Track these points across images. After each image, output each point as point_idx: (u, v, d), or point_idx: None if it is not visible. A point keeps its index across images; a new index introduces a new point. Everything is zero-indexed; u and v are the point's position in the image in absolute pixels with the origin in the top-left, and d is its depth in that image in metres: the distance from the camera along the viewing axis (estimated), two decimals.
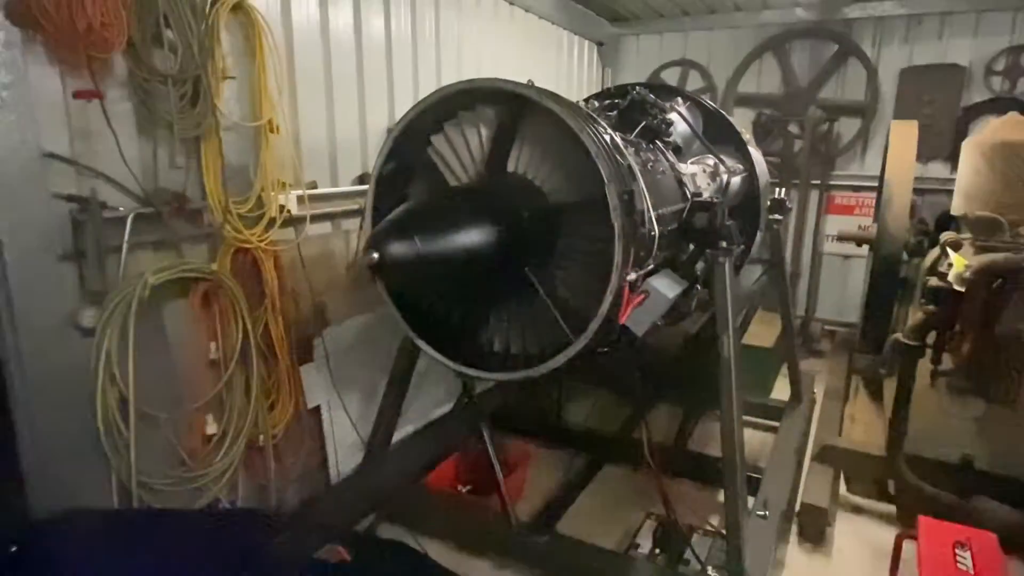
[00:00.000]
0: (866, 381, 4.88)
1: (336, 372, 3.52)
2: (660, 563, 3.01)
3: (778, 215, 4.21)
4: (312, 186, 3.39)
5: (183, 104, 2.63)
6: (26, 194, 2.26)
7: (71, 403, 2.46)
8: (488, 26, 4.82)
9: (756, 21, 6.37)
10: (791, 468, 3.78)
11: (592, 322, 2.20)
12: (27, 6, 2.15)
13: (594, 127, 2.20)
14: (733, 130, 3.77)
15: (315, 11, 3.41)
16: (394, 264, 1.86)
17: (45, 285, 2.37)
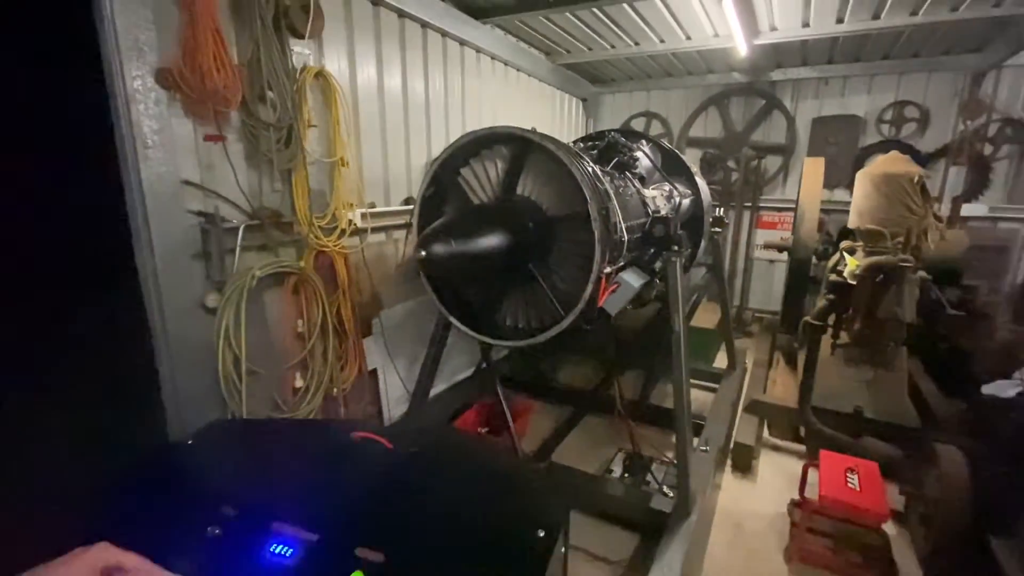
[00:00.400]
0: (784, 354, 4.97)
1: (389, 344, 3.62)
2: (628, 483, 3.11)
3: (718, 228, 4.28)
4: (371, 206, 3.48)
5: (280, 145, 2.73)
6: (170, 210, 2.39)
7: (199, 363, 2.56)
8: (500, 87, 4.90)
9: (703, 82, 6.43)
10: (727, 417, 3.87)
11: (579, 303, 2.33)
12: (171, 75, 2.28)
13: (580, 161, 2.32)
14: (684, 165, 3.86)
15: (374, 76, 3.51)
16: (435, 258, 1.98)
17: (182, 276, 2.49)
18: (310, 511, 0.89)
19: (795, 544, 2.79)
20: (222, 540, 0.88)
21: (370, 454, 1.08)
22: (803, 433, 3.81)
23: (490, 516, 0.91)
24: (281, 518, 0.88)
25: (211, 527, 0.88)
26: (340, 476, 1.02)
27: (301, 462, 1.09)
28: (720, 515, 3.16)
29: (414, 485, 0.98)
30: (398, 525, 0.88)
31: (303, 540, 0.85)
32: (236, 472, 1.05)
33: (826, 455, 2.92)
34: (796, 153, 6.12)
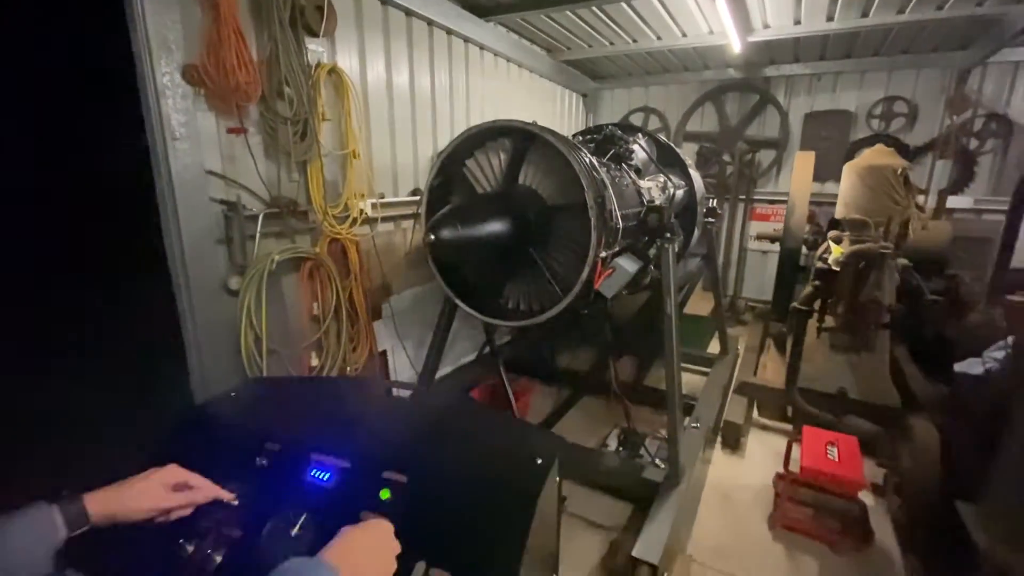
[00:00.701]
0: (775, 340, 5.09)
1: (398, 327, 3.76)
2: (622, 456, 3.25)
3: (711, 219, 4.40)
4: (381, 196, 3.60)
5: (296, 138, 2.84)
6: (195, 198, 2.52)
7: (223, 341, 2.69)
8: (503, 82, 5.00)
9: (699, 78, 6.51)
10: (718, 397, 3.99)
11: (576, 285, 2.46)
12: (196, 71, 2.41)
13: (578, 152, 2.44)
14: (678, 157, 3.96)
15: (383, 72, 3.62)
16: (443, 243, 2.11)
17: (207, 260, 2.62)
18: (343, 444, 1.03)
19: (778, 512, 2.94)
20: (268, 469, 1.02)
21: (393, 400, 1.22)
22: (790, 413, 3.94)
23: (496, 449, 1.04)
24: (318, 450, 1.02)
25: (259, 458, 1.02)
26: (367, 416, 1.15)
27: (332, 406, 1.22)
28: (709, 487, 3.31)
29: (432, 424, 1.12)
30: (418, 454, 1.02)
31: (338, 467, 0.99)
32: (276, 415, 1.18)
33: (808, 430, 3.06)
34: (789, 147, 6.20)
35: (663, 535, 2.36)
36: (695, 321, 5.60)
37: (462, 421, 1.16)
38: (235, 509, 0.96)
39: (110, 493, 0.87)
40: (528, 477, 0.93)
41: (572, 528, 2.87)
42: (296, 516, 0.90)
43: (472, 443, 1.06)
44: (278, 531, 0.88)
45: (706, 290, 6.04)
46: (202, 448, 1.03)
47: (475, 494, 0.91)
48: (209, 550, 0.89)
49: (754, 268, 6.82)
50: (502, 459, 1.01)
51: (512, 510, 0.87)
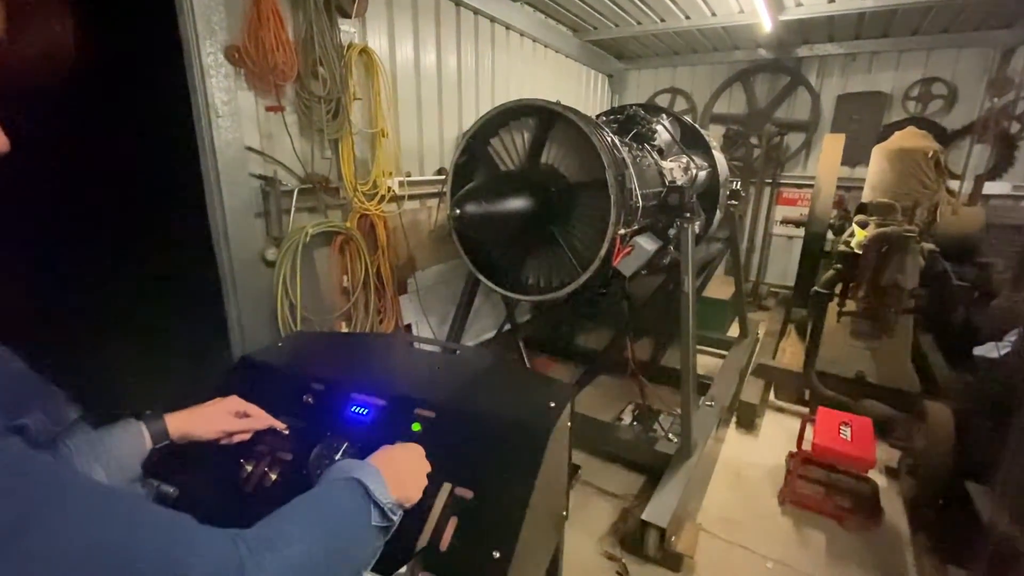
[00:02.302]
0: (797, 326, 5.08)
1: (422, 302, 3.91)
2: (636, 429, 3.36)
3: (734, 201, 4.41)
4: (408, 175, 3.71)
5: (329, 116, 2.97)
6: (235, 174, 2.67)
7: (261, 309, 2.87)
8: (529, 63, 5.03)
9: (728, 59, 6.39)
10: (734, 379, 4.05)
11: (594, 262, 2.54)
12: (238, 51, 2.54)
13: (600, 132, 2.50)
14: (702, 138, 3.97)
15: (411, 53, 3.70)
16: (468, 217, 2.22)
17: (246, 232, 2.78)
18: (379, 386, 1.16)
19: (788, 488, 3.01)
20: (314, 406, 1.15)
21: (422, 351, 1.34)
22: (807, 396, 3.97)
23: (515, 393, 1.15)
24: (358, 390, 1.15)
25: (305, 396, 1.16)
26: (400, 364, 1.28)
27: (368, 356, 1.36)
28: (721, 464, 3.39)
29: (458, 372, 1.24)
30: (446, 396, 1.14)
31: (375, 404, 1.12)
32: (319, 362, 1.32)
33: (823, 411, 3.10)
34: (819, 130, 6.06)
35: (672, 502, 2.47)
36: (715, 305, 5.61)
37: (485, 371, 1.28)
38: (287, 437, 1.10)
39: (185, 415, 1.01)
40: (543, 416, 1.04)
41: (585, 496, 3.00)
42: (339, 444, 1.03)
43: (493, 388, 1.17)
44: (323, 455, 1.02)
45: (728, 274, 6.04)
46: (257, 387, 1.17)
47: (495, 429, 1.03)
48: (266, 468, 1.04)
49: (779, 253, 6.75)
50: (520, 401, 1.12)
51: (527, 442, 0.99)
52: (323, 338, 1.60)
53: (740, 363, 4.40)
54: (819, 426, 2.96)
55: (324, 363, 1.30)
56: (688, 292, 2.99)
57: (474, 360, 1.36)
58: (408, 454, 0.93)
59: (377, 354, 1.38)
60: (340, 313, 3.28)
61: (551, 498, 1.10)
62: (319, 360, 1.34)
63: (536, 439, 0.98)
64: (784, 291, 6.63)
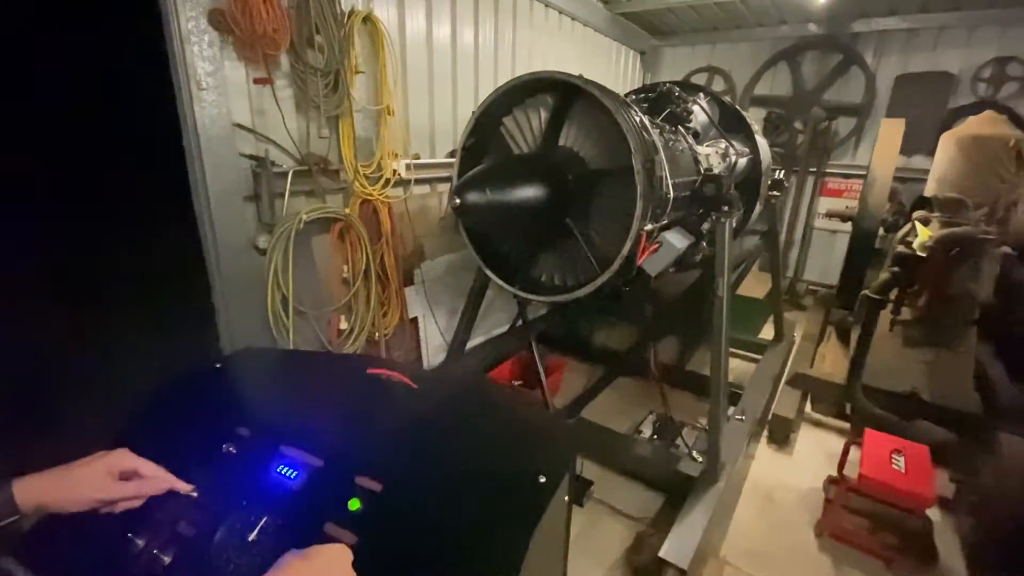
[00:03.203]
0: (838, 329, 4.65)
1: (430, 294, 3.65)
2: (656, 445, 3.05)
3: (776, 192, 3.98)
4: (416, 157, 3.44)
5: (327, 91, 2.71)
6: (222, 152, 2.43)
7: (251, 300, 2.66)
8: (553, 37, 4.65)
9: (774, 34, 5.84)
10: (767, 388, 3.70)
11: (616, 261, 2.22)
12: (223, 16, 2.28)
13: (627, 111, 2.16)
14: (744, 121, 3.55)
15: (423, 24, 3.39)
16: (470, 207, 1.93)
17: (235, 217, 2.56)
18: (319, 438, 0.90)
19: (827, 520, 2.67)
20: (236, 458, 0.90)
21: (385, 388, 1.07)
22: (849, 411, 3.59)
23: (493, 457, 0.88)
24: (290, 442, 0.89)
25: (226, 445, 0.91)
26: (355, 405, 1.02)
27: (318, 391, 1.10)
28: (750, 484, 3.06)
29: (427, 420, 0.97)
30: (400, 459, 0.87)
31: (308, 464, 0.86)
32: (257, 395, 1.08)
33: (872, 434, 2.74)
34: (873, 114, 5.50)
35: (694, 538, 2.17)
36: (748, 304, 5.20)
37: (465, 416, 1.00)
38: (193, 502, 0.85)
39: (45, 479, 0.77)
40: (526, 500, 0.76)
41: (596, 515, 2.73)
42: (256, 519, 0.78)
43: (468, 447, 0.90)
44: (233, 535, 0.77)
45: (763, 270, 5.60)
46: (172, 426, 0.92)
47: (459, 516, 0.76)
48: (156, 549, 0.79)
49: (820, 249, 6.25)
50: (499, 472, 0.84)
51: (502, 540, 0.72)
52: (275, 360, 1.35)
53: (774, 370, 4.03)
54: (868, 453, 2.60)
55: (263, 396, 1.05)
56: (722, 295, 2.65)
57: (449, 399, 1.08)
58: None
59: (331, 386, 1.11)
60: (338, 306, 3.06)
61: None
62: (258, 391, 1.08)
63: (514, 535, 0.71)
64: (824, 289, 6.16)
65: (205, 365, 1.09)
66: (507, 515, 0.75)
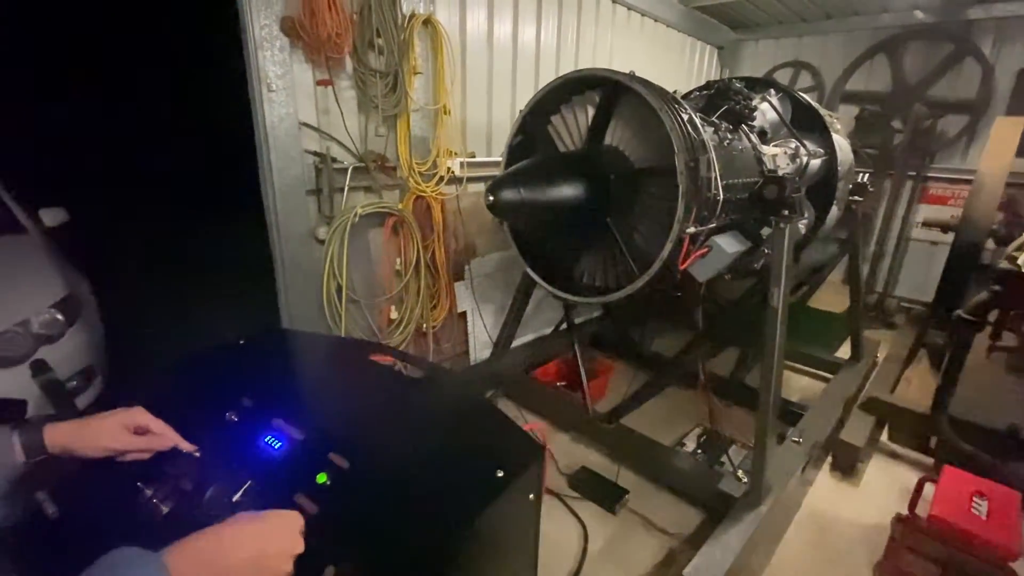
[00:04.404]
0: (930, 353, 4.15)
1: (479, 290, 3.71)
2: (699, 459, 2.90)
3: (858, 197, 3.63)
4: (471, 156, 3.51)
5: (386, 91, 2.84)
6: (288, 149, 2.63)
7: (309, 287, 2.86)
8: (619, 33, 4.54)
9: (872, 24, 5.29)
10: (834, 410, 3.38)
11: (654, 263, 2.14)
12: (292, 23, 2.46)
13: (674, 107, 2.07)
14: (820, 119, 3.27)
15: (484, 24, 3.45)
16: (504, 205, 1.95)
17: (298, 209, 2.76)
18: (306, 414, 0.96)
19: (890, 561, 2.40)
20: (237, 426, 0.99)
21: (383, 375, 1.12)
22: (932, 444, 3.19)
23: (461, 451, 0.89)
24: (282, 415, 0.96)
25: (230, 412, 1.00)
26: (346, 389, 1.08)
27: (321, 372, 1.17)
28: (805, 513, 2.83)
29: (406, 410, 1.01)
30: (374, 442, 0.91)
31: (292, 437, 0.92)
32: (264, 372, 1.16)
33: (951, 472, 2.43)
34: (989, 112, 4.83)
35: (725, 561, 2.04)
36: (825, 318, 4.79)
37: (447, 411, 1.03)
38: (195, 461, 0.95)
39: (70, 427, 0.89)
40: (478, 492, 0.77)
41: (630, 527, 2.64)
42: (242, 482, 0.85)
43: (440, 439, 0.92)
44: (221, 494, 0.85)
45: (845, 283, 5.12)
46: (189, 391, 1.03)
47: (412, 500, 0.78)
48: (156, 499, 0.89)
49: (916, 261, 5.59)
50: (461, 464, 0.85)
51: (448, 528, 0.72)
52: (292, 341, 1.45)
53: (846, 391, 3.68)
54: (943, 492, 2.31)
55: (269, 373, 1.14)
56: (777, 307, 2.46)
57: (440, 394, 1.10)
58: (254, 541, 0.69)
59: (334, 370, 1.18)
60: (391, 296, 3.20)
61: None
62: (267, 369, 1.17)
63: (458, 522, 0.71)
64: (919, 308, 5.51)
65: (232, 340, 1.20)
66: (459, 504, 0.76)
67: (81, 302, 3.14)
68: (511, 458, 0.85)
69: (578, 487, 2.80)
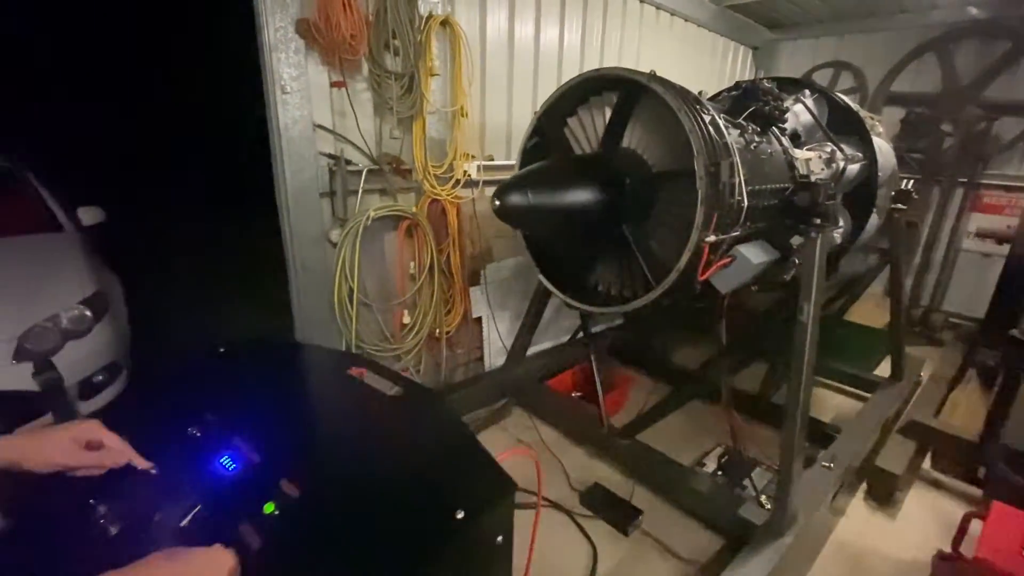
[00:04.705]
0: (980, 373, 3.84)
1: (495, 296, 3.64)
2: (718, 481, 2.73)
3: (901, 205, 3.38)
4: (489, 159, 3.44)
5: (402, 93, 2.80)
6: (302, 151, 2.62)
7: (322, 289, 2.84)
8: (647, 34, 4.40)
9: (921, 22, 4.97)
10: (871, 433, 3.14)
11: (671, 273, 2.02)
12: (308, 25, 2.45)
13: (696, 108, 1.95)
14: (859, 122, 3.06)
15: (505, 25, 3.38)
16: (511, 210, 1.87)
17: (311, 212, 2.74)
18: (267, 433, 0.90)
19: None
20: (196, 441, 0.93)
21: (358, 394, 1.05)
22: (981, 475, 2.93)
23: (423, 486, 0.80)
24: (243, 433, 0.90)
25: (192, 428, 0.95)
26: (317, 408, 1.01)
27: (296, 387, 1.11)
28: (835, 544, 2.63)
29: (372, 434, 0.93)
30: (331, 471, 0.84)
31: (247, 459, 0.86)
32: (236, 385, 1.11)
33: (1001, 509, 2.20)
34: None
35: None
36: (863, 333, 4.51)
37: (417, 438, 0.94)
38: (150, 479, 0.90)
39: (16, 441, 0.85)
40: (435, 536, 0.68)
41: (642, 550, 2.51)
42: (191, 506, 0.79)
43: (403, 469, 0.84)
44: (168, 519, 0.79)
45: (887, 295, 4.81)
46: (155, 403, 0.98)
47: (362, 541, 0.70)
48: (105, 519, 0.84)
49: (967, 274, 5.21)
50: (419, 502, 0.76)
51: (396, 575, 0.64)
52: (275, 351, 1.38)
53: (884, 413, 3.43)
54: (991, 531, 2.09)
55: (241, 386, 1.08)
56: (807, 323, 2.29)
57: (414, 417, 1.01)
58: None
59: (311, 385, 1.11)
60: (404, 300, 3.16)
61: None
62: (240, 381, 1.12)
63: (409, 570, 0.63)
64: (968, 324, 5.13)
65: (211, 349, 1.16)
66: (410, 549, 0.68)
67: (109, 299, 3.23)
68: (478, 495, 0.76)
69: (590, 504, 2.67)
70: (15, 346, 2.68)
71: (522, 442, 3.22)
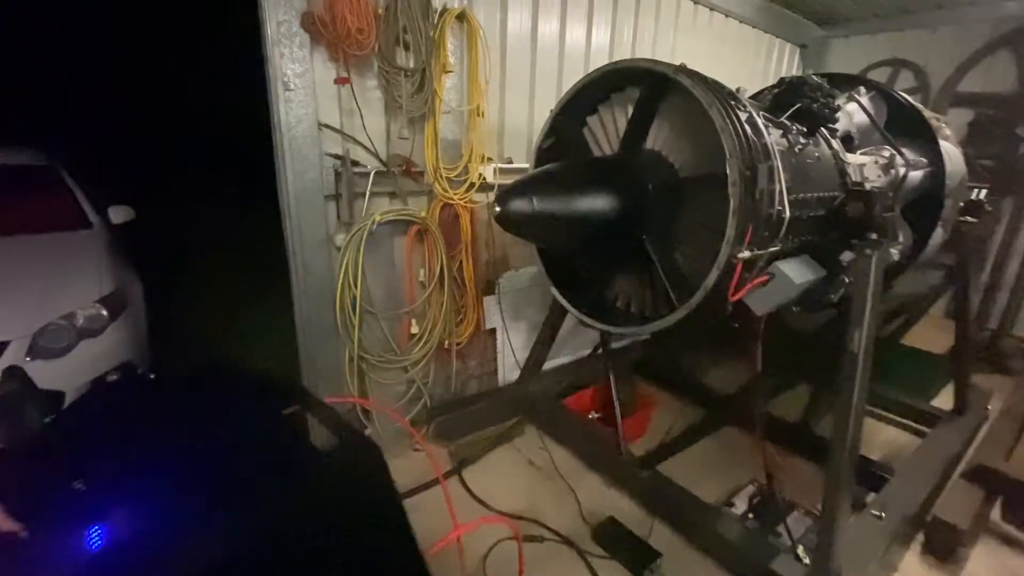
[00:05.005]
0: None
1: (510, 306, 3.43)
2: (749, 526, 2.42)
3: (971, 218, 3.00)
4: (508, 161, 3.24)
5: (413, 91, 2.65)
6: (306, 151, 2.49)
7: (324, 295, 2.71)
8: (683, 31, 4.11)
9: (993, 14, 4.49)
10: (930, 476, 2.77)
11: (697, 292, 1.77)
12: (314, 19, 2.33)
13: (728, 104, 1.70)
14: (923, 122, 2.71)
15: (528, 21, 3.18)
16: (513, 216, 1.67)
17: (316, 214, 2.62)
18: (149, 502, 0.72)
19: None
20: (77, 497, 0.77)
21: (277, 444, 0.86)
22: None
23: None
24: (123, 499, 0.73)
25: (78, 481, 0.79)
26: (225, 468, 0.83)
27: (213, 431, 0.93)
28: None
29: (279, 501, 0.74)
30: (213, 557, 0.65)
31: (118, 533, 0.69)
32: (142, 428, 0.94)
33: None
34: None
35: None
36: (922, 359, 4.09)
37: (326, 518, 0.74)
38: (17, 543, 0.74)
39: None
40: None
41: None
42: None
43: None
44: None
45: (949, 317, 4.34)
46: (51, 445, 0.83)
47: None
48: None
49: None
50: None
51: None
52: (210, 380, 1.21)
53: (946, 452, 3.03)
54: None
55: (149, 432, 0.91)
56: (858, 352, 1.99)
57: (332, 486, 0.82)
58: None
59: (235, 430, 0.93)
60: (412, 309, 2.99)
61: None
62: (150, 424, 0.94)
63: None
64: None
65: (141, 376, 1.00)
66: None
67: (126, 298, 3.21)
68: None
69: (603, 542, 2.43)
70: (30, 343, 2.67)
71: (532, 464, 3.00)
